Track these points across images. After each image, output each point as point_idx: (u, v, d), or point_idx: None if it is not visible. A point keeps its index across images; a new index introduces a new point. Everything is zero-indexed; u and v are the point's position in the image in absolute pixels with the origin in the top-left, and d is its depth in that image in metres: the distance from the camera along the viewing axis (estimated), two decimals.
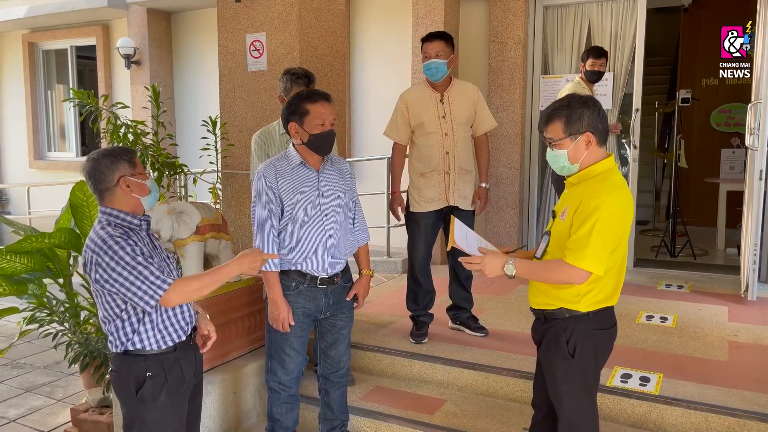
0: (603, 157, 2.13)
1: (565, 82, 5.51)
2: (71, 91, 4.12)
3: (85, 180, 2.14)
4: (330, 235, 2.66)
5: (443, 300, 3.95)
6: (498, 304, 4.45)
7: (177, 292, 2.08)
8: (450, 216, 3.12)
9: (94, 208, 3.65)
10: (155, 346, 2.15)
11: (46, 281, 3.66)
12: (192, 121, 7.19)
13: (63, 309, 3.66)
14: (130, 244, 2.05)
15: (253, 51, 3.94)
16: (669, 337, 3.71)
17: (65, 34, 8.66)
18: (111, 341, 2.14)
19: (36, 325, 3.66)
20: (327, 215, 2.66)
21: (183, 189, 4.73)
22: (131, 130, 4.03)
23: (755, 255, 4.35)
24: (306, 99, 2.59)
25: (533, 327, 2.33)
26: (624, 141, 6.50)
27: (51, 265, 3.64)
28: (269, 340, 2.77)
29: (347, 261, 2.80)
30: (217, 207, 4.22)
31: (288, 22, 3.81)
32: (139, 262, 2.03)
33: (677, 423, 2.86)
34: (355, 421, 3.10)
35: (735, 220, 5.95)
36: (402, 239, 4.34)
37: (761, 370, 3.24)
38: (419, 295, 3.74)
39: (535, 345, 2.32)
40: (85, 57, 8.89)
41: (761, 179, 4.24)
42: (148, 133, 4.13)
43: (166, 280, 2.06)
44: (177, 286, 2.08)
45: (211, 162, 4.19)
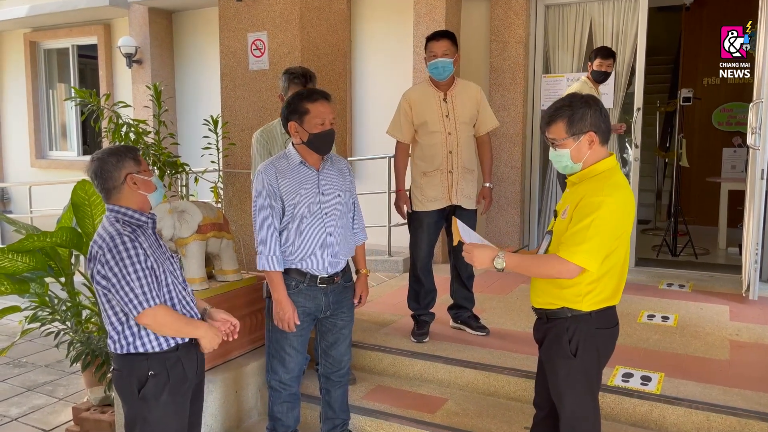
0: (605, 156, 2.13)
1: (567, 81, 5.50)
2: (73, 90, 4.12)
3: (91, 180, 2.15)
4: (330, 234, 2.66)
5: (444, 299, 3.95)
6: (499, 303, 4.44)
7: (152, 316, 2.08)
8: (452, 215, 3.14)
9: (95, 207, 3.66)
10: (158, 348, 2.15)
11: (47, 280, 3.67)
12: (193, 120, 7.19)
13: (65, 308, 3.67)
14: (135, 246, 2.05)
15: (255, 50, 3.94)
16: (670, 337, 3.70)
17: (67, 33, 8.66)
18: (113, 341, 2.14)
19: (38, 324, 3.67)
20: (327, 214, 2.66)
21: (184, 188, 4.74)
22: (133, 129, 4.04)
23: (757, 254, 4.34)
24: (305, 98, 2.58)
25: (535, 326, 2.33)
26: (626, 141, 6.49)
27: (53, 264, 3.64)
28: (270, 339, 2.78)
29: (348, 261, 2.81)
30: (219, 206, 4.22)
31: (289, 21, 3.81)
32: (136, 269, 2.04)
33: (678, 422, 2.86)
34: (357, 420, 3.10)
35: (736, 219, 5.94)
36: (403, 238, 4.34)
37: (763, 369, 3.24)
38: (421, 294, 3.74)
39: (537, 344, 2.31)
40: (87, 56, 8.89)
41: (763, 178, 4.23)
42: (149, 132, 4.13)
43: (150, 300, 2.06)
44: (156, 313, 2.08)
45: (213, 161, 4.19)
